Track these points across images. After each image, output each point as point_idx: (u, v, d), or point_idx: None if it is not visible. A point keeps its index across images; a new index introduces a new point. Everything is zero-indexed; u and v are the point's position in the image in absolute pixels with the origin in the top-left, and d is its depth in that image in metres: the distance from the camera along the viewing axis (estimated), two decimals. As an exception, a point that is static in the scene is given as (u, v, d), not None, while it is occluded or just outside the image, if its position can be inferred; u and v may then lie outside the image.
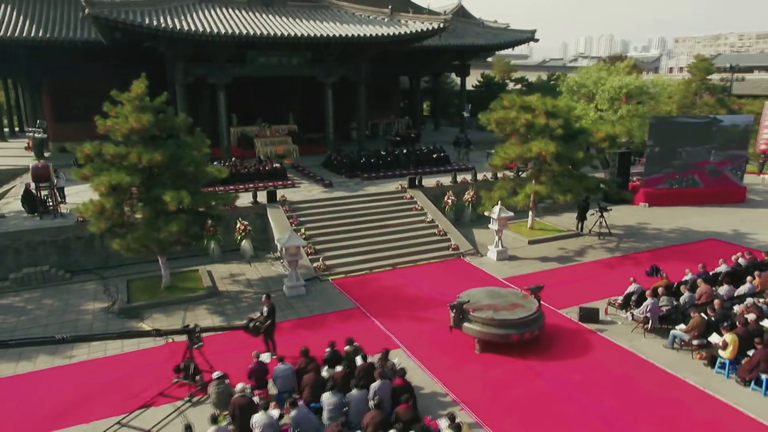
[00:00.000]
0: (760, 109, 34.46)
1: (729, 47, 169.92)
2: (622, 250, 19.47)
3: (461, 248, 19.30)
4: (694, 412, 10.33)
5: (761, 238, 20.35)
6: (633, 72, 28.61)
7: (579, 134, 18.94)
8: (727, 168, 25.38)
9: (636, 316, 13.21)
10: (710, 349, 11.81)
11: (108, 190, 13.76)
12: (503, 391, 10.98)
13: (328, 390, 9.49)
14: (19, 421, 10.24)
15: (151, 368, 12.07)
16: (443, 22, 28.33)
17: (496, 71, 55.09)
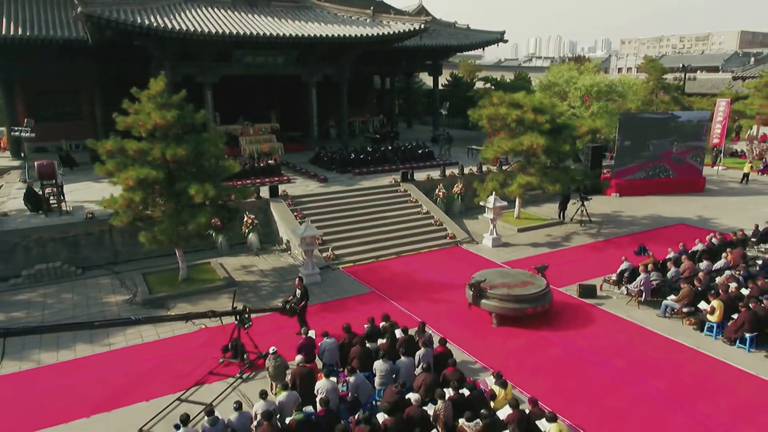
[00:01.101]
0: (707, 106, 37.29)
1: (671, 48, 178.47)
2: (604, 236, 21.15)
3: (458, 237, 20.52)
4: (690, 367, 11.84)
5: (723, 222, 22.42)
6: (600, 72, 30.53)
7: (564, 129, 20.45)
8: (688, 156, 27.63)
9: (630, 290, 14.72)
10: (698, 315, 13.39)
11: (135, 184, 14.20)
12: (525, 358, 12.20)
13: (378, 359, 10.45)
14: (81, 401, 10.74)
15: (190, 352, 12.71)
16: (424, 23, 29.52)
17: (462, 71, 56.80)
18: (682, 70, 45.03)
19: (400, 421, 8.62)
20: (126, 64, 29.71)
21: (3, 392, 11.17)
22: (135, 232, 18.52)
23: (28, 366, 12.17)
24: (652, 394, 10.85)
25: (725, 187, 29.21)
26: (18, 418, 10.25)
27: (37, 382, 11.56)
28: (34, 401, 10.83)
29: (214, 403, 10.53)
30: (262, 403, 9.13)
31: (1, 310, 15.00)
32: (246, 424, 8.84)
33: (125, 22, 22.90)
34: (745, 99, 36.57)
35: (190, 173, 15.29)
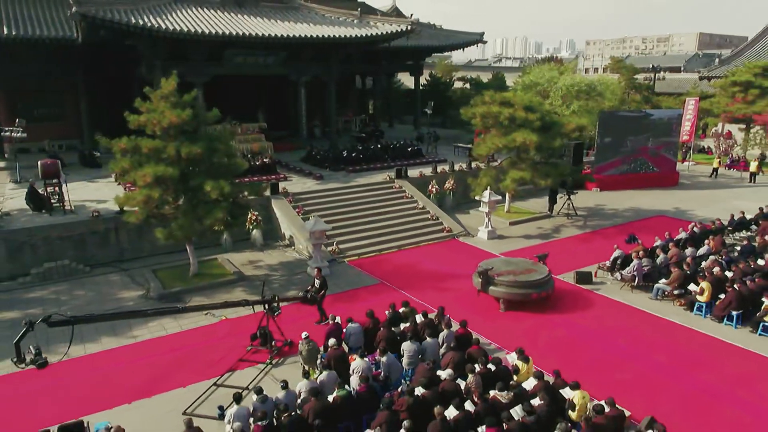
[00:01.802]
0: (675, 105, 39.14)
1: (634, 49, 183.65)
2: (591, 227, 22.31)
3: (454, 230, 21.37)
4: (685, 343, 12.92)
5: (698, 213, 23.84)
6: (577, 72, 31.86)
7: (553, 126, 21.51)
8: (662, 150, 29.16)
9: (624, 276, 15.79)
10: (688, 296, 14.52)
11: (152, 181, 14.55)
12: (534, 338, 13.07)
13: (403, 342, 11.16)
14: (119, 389, 11.13)
15: (214, 342, 13.20)
16: (411, 25, 30.31)
17: (440, 71, 57.88)
18: (651, 71, 46.98)
19: (437, 394, 9.35)
20: (113, 65, 29.76)
21: (45, 382, 11.47)
22: (141, 230, 18.97)
23: (56, 359, 12.43)
24: (653, 367, 11.85)
25: (697, 181, 30.87)
26: (65, 405, 10.60)
27: (72, 372, 11.89)
28: (75, 390, 11.20)
29: (250, 387, 11.06)
30: (306, 382, 9.75)
31: (17, 308, 15.16)
32: (293, 401, 9.43)
33: (120, 21, 23.03)
34: (711, 98, 38.47)
35: (203, 170, 15.68)
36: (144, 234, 19.23)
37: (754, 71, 34.15)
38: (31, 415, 10.37)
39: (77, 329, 13.29)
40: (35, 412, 10.45)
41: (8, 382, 11.59)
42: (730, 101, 35.02)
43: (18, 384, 11.50)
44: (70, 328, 10.39)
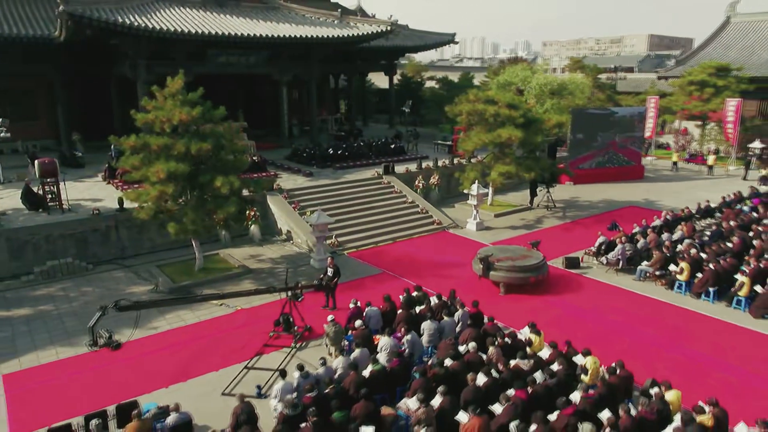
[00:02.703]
0: (635, 103, 41.30)
1: (588, 50, 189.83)
2: (570, 218, 23.71)
3: (444, 223, 22.37)
4: (669, 317, 14.25)
5: (666, 203, 25.55)
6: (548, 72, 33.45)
7: (534, 122, 22.77)
8: (628, 143, 30.99)
9: (609, 260, 17.09)
10: (668, 276, 15.90)
11: (165, 177, 14.94)
12: (535, 317, 13.94)
13: (425, 321, 12.03)
14: (153, 375, 11.60)
15: (233, 331, 13.75)
16: (390, 26, 31.19)
17: (410, 71, 58.96)
18: (612, 71, 49.27)
19: (463, 365, 10.26)
20: (90, 64, 29.51)
21: (77, 372, 11.81)
22: (141, 227, 19.26)
23: (84, 350, 12.76)
24: (644, 338, 13.10)
25: (660, 175, 32.87)
26: (105, 391, 10.97)
27: (102, 362, 12.23)
28: (111, 377, 11.57)
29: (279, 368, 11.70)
30: (342, 359, 10.50)
31: (27, 305, 15.29)
32: (332, 376, 10.16)
33: (107, 21, 23.05)
34: (670, 96, 40.78)
35: (212, 167, 16.14)
36: (144, 231, 19.50)
37: (709, 71, 36.47)
38: (75, 399, 10.71)
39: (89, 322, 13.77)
40: (77, 398, 10.79)
41: (46, 370, 11.85)
42: (687, 99, 37.30)
43: (54, 372, 11.78)
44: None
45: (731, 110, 34.18)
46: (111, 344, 12.16)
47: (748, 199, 23.35)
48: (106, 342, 12.23)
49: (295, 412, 8.81)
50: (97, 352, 12.63)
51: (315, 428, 8.42)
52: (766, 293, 14.07)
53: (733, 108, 34.03)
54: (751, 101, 38.12)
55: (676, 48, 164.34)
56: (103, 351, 12.70)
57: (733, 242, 17.49)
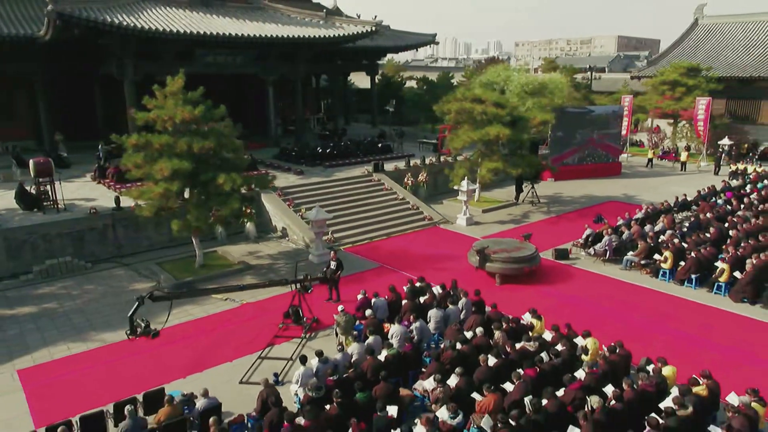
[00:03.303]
0: (608, 102, 42.64)
1: (560, 50, 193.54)
2: (554, 212, 24.58)
3: (434, 219, 22.99)
4: (655, 302, 15.12)
5: (644, 198, 26.65)
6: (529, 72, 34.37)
7: (519, 120, 23.55)
8: (606, 139, 32.14)
9: (597, 251, 17.93)
10: (653, 265, 16.79)
11: (170, 175, 15.18)
12: (532, 305, 14.63)
13: (431, 309, 12.59)
14: (169, 366, 11.89)
15: (241, 324, 14.11)
16: (376, 26, 31.72)
17: (389, 71, 59.51)
18: (587, 71, 50.72)
19: (473, 347, 10.85)
20: (72, 63, 29.27)
21: (91, 366, 12.03)
22: (138, 226, 19.43)
23: (96, 345, 12.97)
24: (635, 322, 13.90)
25: (636, 171, 34.13)
26: (122, 383, 11.22)
27: (116, 356, 12.46)
28: (126, 370, 11.82)
29: (293, 357, 12.14)
30: (357, 345, 10.99)
31: (31, 303, 15.35)
32: (349, 361, 10.63)
33: (96, 20, 23.04)
34: (643, 95, 42.22)
35: (213, 165, 16.42)
36: (141, 230, 19.63)
37: (680, 71, 37.95)
38: (93, 391, 10.94)
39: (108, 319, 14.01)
40: (95, 390, 11.02)
41: (60, 365, 12.03)
42: (660, 98, 38.72)
43: (68, 367, 11.98)
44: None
45: (701, 109, 35.62)
46: (149, 332, 12.88)
47: (721, 192, 24.58)
48: (144, 331, 12.95)
49: (320, 394, 9.26)
50: (109, 347, 12.87)
51: (341, 408, 8.89)
52: (744, 279, 15.02)
53: (704, 106, 35.48)
54: (719, 100, 39.72)
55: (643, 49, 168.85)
56: (114, 345, 12.94)
57: (710, 232, 18.50)
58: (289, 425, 8.38)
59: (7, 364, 12.15)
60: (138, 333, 12.61)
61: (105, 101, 32.35)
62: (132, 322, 12.47)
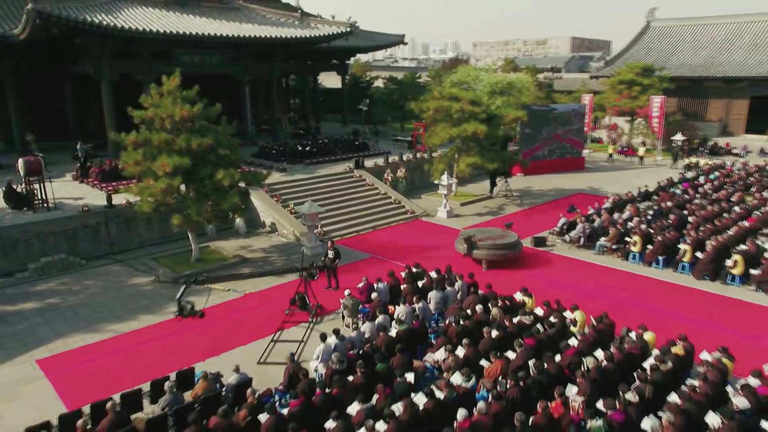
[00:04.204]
0: (570, 101, 44.73)
1: (517, 51, 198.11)
2: (527, 205, 26.01)
3: (416, 212, 24.02)
4: (628, 282, 16.55)
5: (609, 190, 28.35)
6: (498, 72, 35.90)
7: (494, 117, 24.84)
8: (570, 134, 33.95)
9: (572, 238, 19.32)
10: (624, 249, 18.28)
11: (171, 171, 15.66)
12: (518, 287, 15.95)
13: (430, 291, 13.58)
14: (188, 351, 12.46)
15: (249, 312, 14.75)
16: (350, 27, 32.53)
17: (356, 70, 60.26)
18: (550, 71, 52.85)
19: (475, 323, 11.89)
20: (44, 63, 28.95)
21: (109, 354, 12.49)
22: (129, 223, 19.79)
23: (109, 335, 13.40)
24: (612, 299, 15.25)
25: (598, 165, 36.09)
26: (144, 368, 11.75)
27: (131, 344, 12.95)
28: (144, 357, 12.33)
29: (305, 339, 12.92)
30: (369, 324, 11.87)
31: (33, 299, 15.55)
32: (362, 338, 11.50)
33: (76, 20, 23.09)
34: (600, 94, 44.46)
35: (210, 161, 16.95)
36: (132, 227, 19.93)
37: (636, 71, 40.26)
38: (116, 376, 11.44)
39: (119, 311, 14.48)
40: (119, 375, 11.52)
41: (77, 354, 12.43)
42: (617, 97, 40.94)
43: (87, 355, 12.40)
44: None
45: (656, 106, 37.94)
46: (195, 313, 14.03)
47: (678, 183, 26.58)
48: (191, 311, 14.06)
49: (342, 367, 10.10)
50: (123, 336, 13.33)
51: (364, 377, 9.77)
52: (705, 259, 16.62)
53: (658, 104, 37.81)
54: (672, 98, 42.34)
55: (595, 50, 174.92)
56: (128, 335, 13.42)
57: (671, 219, 20.17)
58: (321, 393, 9.20)
59: (24, 355, 12.48)
60: (185, 314, 13.88)
61: (77, 101, 32.06)
62: (180, 303, 13.80)
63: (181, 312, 13.84)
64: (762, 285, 15.48)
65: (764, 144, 38.43)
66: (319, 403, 9.07)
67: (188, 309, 13.94)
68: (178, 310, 13.87)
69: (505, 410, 8.82)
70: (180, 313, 13.85)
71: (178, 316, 13.91)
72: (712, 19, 48.64)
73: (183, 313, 13.86)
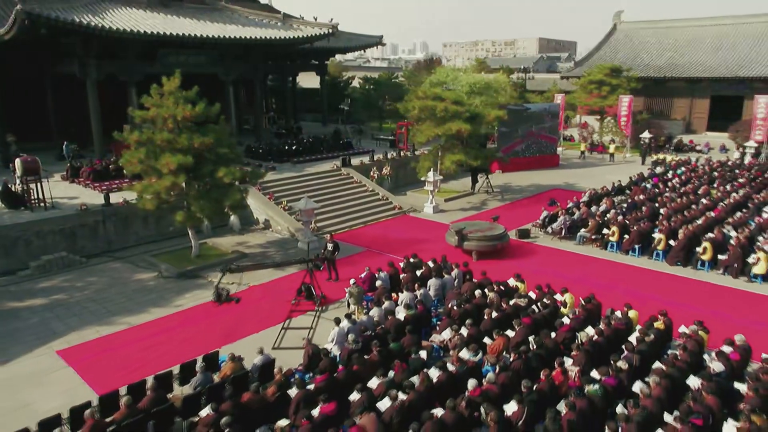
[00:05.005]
0: (542, 100, 46.38)
1: (485, 51, 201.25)
2: (508, 200, 27.20)
3: (404, 208, 24.94)
4: (607, 268, 17.81)
5: (584, 185, 29.70)
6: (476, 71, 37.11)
7: (477, 116, 25.93)
8: (543, 131, 35.41)
9: (554, 229, 20.51)
10: (602, 239, 19.54)
11: (176, 169, 16.18)
12: (507, 275, 17.02)
13: (429, 279, 14.51)
14: (204, 339, 13.08)
15: (256, 303, 15.41)
16: (332, 28, 33.23)
17: (333, 70, 60.86)
18: (522, 71, 54.48)
19: (474, 306, 12.85)
20: (27, 64, 28.85)
21: (127, 344, 13.02)
22: (126, 222, 20.19)
23: (122, 327, 13.91)
24: (592, 283, 16.33)
25: (572, 163, 37.64)
26: (164, 356, 12.35)
27: (146, 335, 13.49)
28: (161, 347, 12.91)
29: (313, 326, 13.68)
30: (377, 309, 12.71)
31: (40, 296, 15.88)
32: (372, 323, 12.33)
33: (65, 20, 23.24)
34: (571, 93, 46.22)
35: (211, 159, 17.51)
36: (129, 225, 20.32)
37: (605, 72, 42.04)
38: (139, 364, 12.00)
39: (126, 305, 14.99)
40: (141, 363, 12.08)
41: (95, 345, 12.92)
42: (588, 96, 42.68)
43: (105, 346, 12.91)
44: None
45: (624, 106, 39.68)
46: (231, 299, 15.23)
47: (649, 178, 28.18)
48: (227, 297, 15.10)
49: (358, 347, 10.93)
50: (137, 328, 13.87)
51: (380, 355, 10.61)
52: (677, 246, 17.98)
53: (626, 104, 39.55)
54: (639, 98, 44.29)
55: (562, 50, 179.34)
56: (142, 326, 13.96)
57: (644, 210, 21.57)
58: (344, 369, 10.02)
59: (43, 347, 12.91)
60: (222, 299, 15.00)
61: (58, 102, 31.93)
62: (217, 290, 15.01)
63: (219, 298, 14.98)
64: (728, 269, 16.88)
65: (725, 141, 40.63)
66: (342, 378, 9.88)
67: (224, 295, 15.07)
68: (215, 296, 15.05)
69: (510, 380, 9.79)
70: (217, 299, 14.97)
71: (215, 301, 15.03)
72: (674, 22, 50.97)
73: (220, 299, 14.98)
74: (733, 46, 44.88)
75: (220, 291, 15.08)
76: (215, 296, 14.98)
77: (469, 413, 8.78)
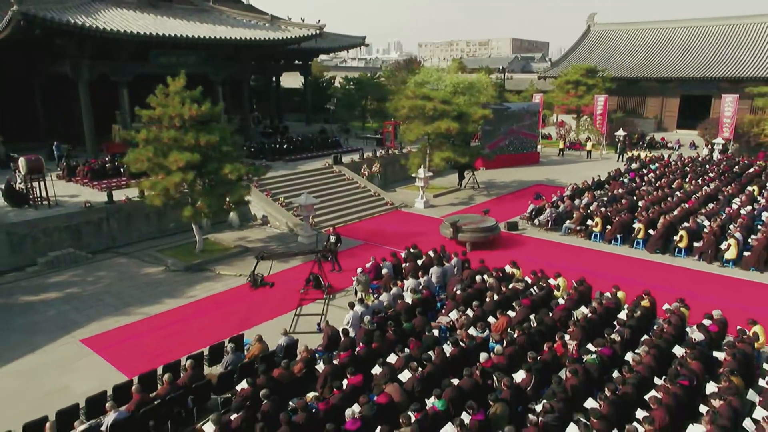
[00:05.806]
0: (519, 100, 47.85)
1: (460, 51, 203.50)
2: (494, 195, 28.36)
3: (395, 203, 25.87)
4: (591, 257, 19.03)
5: (564, 181, 31.07)
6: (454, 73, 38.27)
7: (464, 115, 27.01)
8: (524, 129, 36.76)
9: (541, 221, 21.69)
10: (586, 230, 20.78)
11: (184, 166, 16.80)
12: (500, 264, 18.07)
13: (431, 267, 15.46)
14: (222, 327, 13.79)
15: (264, 293, 16.14)
16: (319, 29, 33.97)
17: (315, 71, 61.43)
18: (501, 71, 55.92)
19: (476, 291, 13.85)
20: (15, 64, 28.88)
21: (148, 332, 13.67)
22: (129, 218, 20.70)
23: (140, 317, 14.51)
24: (579, 270, 17.46)
25: (551, 160, 39.09)
26: (186, 342, 13.02)
27: (171, 321, 14.19)
28: (182, 334, 13.58)
29: (324, 312, 14.52)
30: (386, 295, 13.61)
31: (53, 290, 16.34)
32: (383, 306, 13.23)
33: (60, 21, 23.56)
34: (549, 93, 47.82)
35: (216, 157, 18.16)
36: (132, 222, 20.81)
37: (581, 72, 43.66)
38: (163, 350, 12.65)
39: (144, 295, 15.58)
40: (165, 349, 12.74)
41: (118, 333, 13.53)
42: (564, 96, 44.25)
43: (127, 334, 13.53)
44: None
45: (600, 105, 41.35)
46: (266, 284, 16.41)
47: (626, 173, 29.67)
48: (261, 282, 16.41)
49: (374, 328, 11.81)
50: (155, 317, 14.51)
51: (395, 334, 11.52)
52: (656, 235, 19.30)
53: (601, 103, 41.23)
54: (613, 97, 46.09)
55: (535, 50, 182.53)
56: (160, 316, 14.61)
57: (624, 203, 22.92)
58: (365, 346, 10.89)
59: (66, 336, 13.46)
60: (257, 284, 16.22)
61: (48, 102, 31.95)
62: (253, 276, 16.25)
63: (255, 283, 16.28)
64: (703, 255, 18.25)
65: (694, 138, 42.61)
66: (363, 354, 10.75)
67: (259, 280, 16.23)
68: (252, 281, 16.35)
69: (516, 352, 10.79)
70: (253, 284, 16.27)
71: (251, 285, 16.32)
72: (645, 24, 53.01)
73: (255, 284, 16.27)
74: (700, 48, 47.00)
75: (255, 277, 16.33)
76: (251, 281, 16.25)
77: (483, 381, 9.75)
